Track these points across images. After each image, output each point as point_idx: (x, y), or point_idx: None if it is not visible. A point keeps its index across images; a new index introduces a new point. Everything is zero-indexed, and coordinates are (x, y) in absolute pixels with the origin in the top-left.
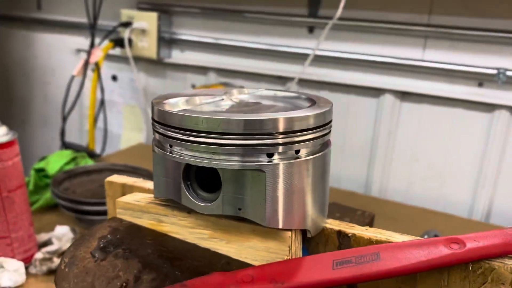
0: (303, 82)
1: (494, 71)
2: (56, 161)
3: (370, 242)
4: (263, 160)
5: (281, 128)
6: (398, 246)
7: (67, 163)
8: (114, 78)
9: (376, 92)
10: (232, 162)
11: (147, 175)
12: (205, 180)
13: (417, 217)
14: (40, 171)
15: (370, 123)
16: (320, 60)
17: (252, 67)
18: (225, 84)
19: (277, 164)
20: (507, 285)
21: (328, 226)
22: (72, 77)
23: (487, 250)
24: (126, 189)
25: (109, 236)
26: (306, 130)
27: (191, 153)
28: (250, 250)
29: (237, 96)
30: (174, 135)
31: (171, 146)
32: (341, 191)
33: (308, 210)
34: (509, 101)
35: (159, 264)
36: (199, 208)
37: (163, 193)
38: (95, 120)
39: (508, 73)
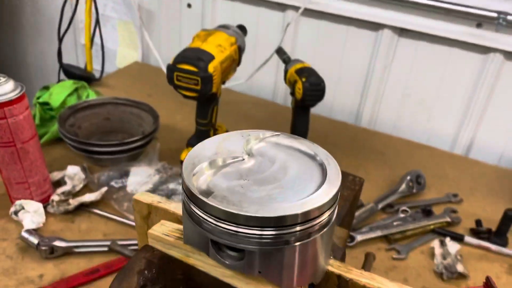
0: (307, 11)
1: (495, 14)
2: (59, 93)
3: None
4: (281, 243)
5: (299, 220)
6: None
7: (70, 94)
8: None
9: (376, 26)
10: (253, 246)
11: (149, 111)
12: None
13: (403, 151)
14: (44, 104)
15: (367, 56)
16: None
17: None
18: (223, 27)
19: (294, 246)
20: None
21: (330, 269)
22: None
23: None
24: (151, 209)
25: (146, 272)
26: (321, 215)
27: (218, 232)
28: None
29: (256, 146)
30: (203, 215)
31: (199, 223)
32: (333, 121)
33: (317, 268)
34: (505, 45)
35: None
36: (224, 265)
37: (192, 243)
38: (92, 37)
39: (509, 17)
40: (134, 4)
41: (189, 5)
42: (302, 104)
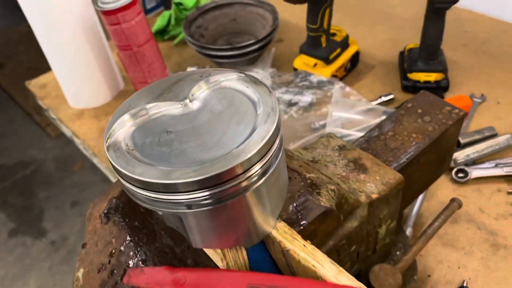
0: None
1: None
2: None
3: (298, 263)
4: (184, 209)
5: (196, 187)
6: (305, 284)
7: None
8: None
9: None
10: (163, 209)
11: (271, 11)
12: None
13: None
14: (179, 4)
15: None
16: None
17: None
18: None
19: (196, 212)
20: None
21: (273, 233)
22: None
23: None
24: None
25: (114, 200)
26: (236, 177)
27: (132, 192)
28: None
29: (204, 92)
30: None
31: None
32: (502, 23)
33: (248, 232)
34: None
35: (140, 238)
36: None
37: None
38: None
39: None
40: None
41: None
42: (433, 7)
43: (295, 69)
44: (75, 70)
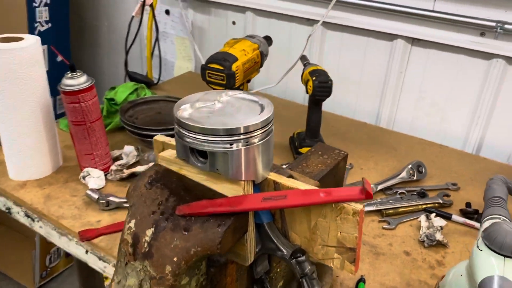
0: (328, 24)
1: (494, 24)
2: (122, 92)
3: (287, 187)
4: (228, 147)
5: (242, 131)
6: (299, 192)
7: (131, 93)
8: (167, 12)
9: (390, 36)
10: (212, 148)
11: None
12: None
13: (415, 148)
14: (111, 100)
15: (384, 63)
16: (343, 5)
17: (284, 8)
18: (250, 37)
19: (238, 149)
20: (350, 216)
21: (268, 177)
22: (132, 17)
23: (341, 198)
24: (165, 146)
25: (153, 175)
26: (256, 130)
27: (192, 141)
28: (225, 189)
29: (224, 98)
30: (184, 131)
31: (182, 137)
32: (355, 121)
33: (258, 170)
34: (506, 52)
35: (179, 192)
36: (197, 167)
37: (180, 155)
38: (152, 50)
39: (507, 26)
40: (188, 23)
41: (233, 23)
42: (313, 99)
43: None
44: (26, 145)
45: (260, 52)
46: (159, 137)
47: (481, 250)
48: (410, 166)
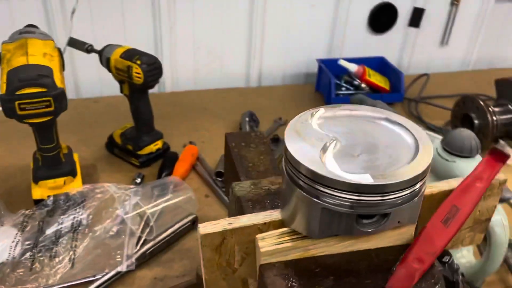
0: None
1: None
2: None
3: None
4: (414, 197)
5: (419, 179)
6: (458, 194)
7: None
8: None
9: None
10: (396, 206)
11: None
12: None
13: (204, 99)
14: None
15: (150, 21)
16: None
17: None
18: (27, 33)
19: (421, 195)
20: (495, 189)
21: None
22: None
23: (493, 176)
24: (226, 234)
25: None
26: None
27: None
28: (388, 239)
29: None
30: (345, 196)
31: (340, 205)
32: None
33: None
34: None
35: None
36: (363, 233)
37: (317, 232)
38: None
39: None
40: None
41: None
42: (144, 87)
43: (39, 201)
44: None
45: (59, 50)
46: (208, 227)
47: None
48: (246, 118)
